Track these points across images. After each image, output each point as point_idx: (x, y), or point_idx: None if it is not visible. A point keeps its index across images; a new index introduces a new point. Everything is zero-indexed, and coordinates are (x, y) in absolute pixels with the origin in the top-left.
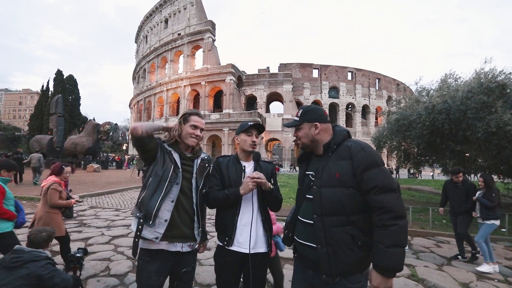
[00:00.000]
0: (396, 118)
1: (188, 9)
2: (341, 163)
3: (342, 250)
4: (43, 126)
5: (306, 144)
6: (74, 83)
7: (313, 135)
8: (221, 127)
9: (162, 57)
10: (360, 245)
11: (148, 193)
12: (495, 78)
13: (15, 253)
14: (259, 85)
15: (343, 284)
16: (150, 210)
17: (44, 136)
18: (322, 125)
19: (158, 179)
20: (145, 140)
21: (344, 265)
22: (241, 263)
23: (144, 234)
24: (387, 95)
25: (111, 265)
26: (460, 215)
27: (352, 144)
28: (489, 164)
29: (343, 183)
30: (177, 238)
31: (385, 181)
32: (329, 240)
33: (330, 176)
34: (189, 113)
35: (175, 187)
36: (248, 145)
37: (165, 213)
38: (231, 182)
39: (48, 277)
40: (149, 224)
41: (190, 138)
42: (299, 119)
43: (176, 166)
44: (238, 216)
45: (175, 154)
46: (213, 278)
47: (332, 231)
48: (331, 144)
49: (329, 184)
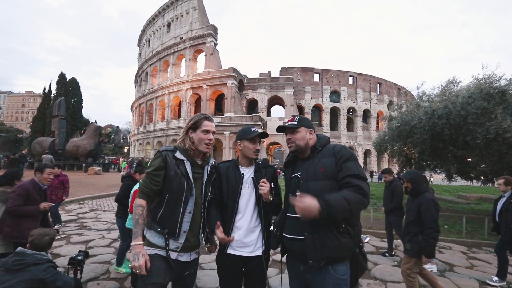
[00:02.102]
0: (397, 125)
1: (191, 13)
2: (324, 160)
3: (326, 236)
4: (45, 128)
5: (300, 146)
6: (76, 86)
7: (308, 140)
8: (222, 131)
9: (164, 61)
10: (341, 231)
11: (168, 210)
12: (495, 84)
13: (17, 255)
14: (261, 89)
15: (332, 275)
16: (174, 225)
17: (46, 139)
18: (313, 133)
19: (175, 195)
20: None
21: (328, 249)
22: (241, 266)
23: (170, 246)
24: (388, 100)
25: (111, 268)
26: (390, 214)
27: (335, 145)
28: (492, 169)
29: (326, 176)
30: (188, 249)
31: (359, 170)
32: (314, 227)
33: (315, 171)
34: (199, 118)
35: (190, 199)
36: (252, 153)
37: (185, 224)
38: (229, 189)
39: (51, 280)
40: (175, 237)
41: (204, 144)
42: (297, 123)
43: (188, 178)
44: (234, 220)
45: (188, 164)
46: (214, 282)
47: (317, 220)
48: (317, 146)
49: (314, 178)
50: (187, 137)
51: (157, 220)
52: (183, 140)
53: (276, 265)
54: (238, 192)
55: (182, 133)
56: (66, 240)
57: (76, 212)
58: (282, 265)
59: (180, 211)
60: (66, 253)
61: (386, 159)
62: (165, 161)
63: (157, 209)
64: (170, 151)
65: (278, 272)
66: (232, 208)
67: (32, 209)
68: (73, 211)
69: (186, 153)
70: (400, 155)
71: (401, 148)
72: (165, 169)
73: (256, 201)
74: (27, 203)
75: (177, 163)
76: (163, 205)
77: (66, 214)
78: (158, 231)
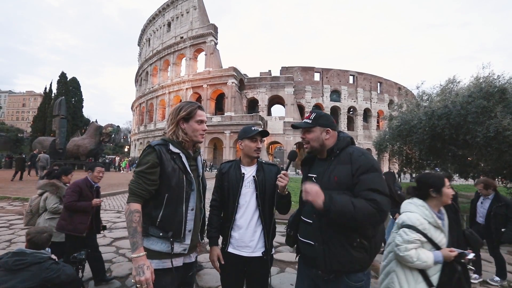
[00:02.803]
0: (397, 124)
1: (191, 12)
2: (340, 168)
3: (336, 250)
4: (46, 127)
5: (315, 147)
6: (77, 85)
7: (323, 140)
8: (222, 130)
9: (164, 60)
10: (355, 246)
11: (170, 210)
12: (495, 83)
13: (17, 255)
14: (261, 88)
15: (345, 282)
16: (179, 226)
17: (46, 138)
18: (332, 132)
19: (176, 193)
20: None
21: (338, 264)
22: (242, 266)
23: (176, 250)
24: (388, 99)
25: (112, 267)
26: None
27: (354, 150)
28: (492, 168)
29: (339, 186)
30: (193, 248)
31: (379, 184)
32: (325, 239)
33: (330, 179)
34: (192, 108)
35: (192, 195)
36: (253, 151)
37: (189, 223)
38: (230, 188)
39: (55, 276)
40: (180, 239)
41: (199, 135)
42: (312, 122)
43: (186, 172)
44: (234, 219)
45: (183, 157)
46: (214, 281)
47: (328, 230)
48: (334, 149)
49: (328, 187)
50: (178, 129)
51: (157, 224)
52: (174, 132)
53: (276, 263)
54: (238, 191)
55: (172, 125)
56: None
57: None
58: (282, 264)
59: (183, 209)
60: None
61: (386, 159)
62: (160, 157)
63: (155, 212)
64: (162, 145)
65: (279, 270)
66: (233, 207)
67: (86, 205)
68: None
69: (180, 146)
70: (400, 154)
71: (401, 147)
72: (161, 165)
73: (257, 201)
74: (80, 200)
75: (172, 157)
76: (163, 206)
77: None
78: (160, 236)
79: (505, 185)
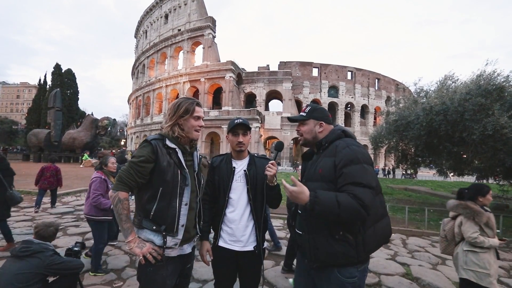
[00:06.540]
0: (394, 118)
1: (189, 4)
2: (325, 160)
3: (318, 239)
4: (41, 120)
5: (308, 140)
6: (72, 77)
7: (316, 133)
8: (220, 124)
9: (161, 53)
10: (337, 238)
11: (163, 204)
12: (493, 81)
13: (24, 243)
14: (259, 82)
15: (336, 277)
16: (172, 220)
17: (42, 130)
18: (325, 125)
19: (170, 187)
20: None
21: (320, 253)
22: (234, 260)
23: (168, 244)
24: (386, 95)
25: (108, 259)
26: None
27: (340, 143)
28: (485, 166)
29: (323, 178)
30: (187, 240)
31: (362, 177)
32: (310, 229)
33: (315, 172)
34: (191, 104)
35: (186, 190)
36: (235, 145)
37: (182, 218)
38: (220, 182)
39: (58, 262)
40: (173, 233)
41: (195, 131)
42: (306, 114)
43: (182, 167)
44: (225, 213)
45: (179, 152)
46: (210, 274)
47: (311, 220)
48: (323, 142)
49: (313, 179)
50: (175, 124)
51: (151, 217)
52: (171, 127)
53: (272, 257)
54: (229, 185)
55: (170, 120)
56: (63, 232)
57: (73, 204)
58: (278, 258)
59: (177, 204)
60: (63, 245)
61: (382, 155)
62: (156, 152)
63: (149, 205)
64: (159, 139)
65: (274, 264)
66: (223, 201)
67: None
68: (70, 203)
69: (176, 141)
70: (396, 150)
71: (397, 143)
72: (156, 161)
73: (248, 196)
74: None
75: (168, 151)
76: (157, 200)
77: (63, 206)
78: (153, 229)
79: (498, 182)
